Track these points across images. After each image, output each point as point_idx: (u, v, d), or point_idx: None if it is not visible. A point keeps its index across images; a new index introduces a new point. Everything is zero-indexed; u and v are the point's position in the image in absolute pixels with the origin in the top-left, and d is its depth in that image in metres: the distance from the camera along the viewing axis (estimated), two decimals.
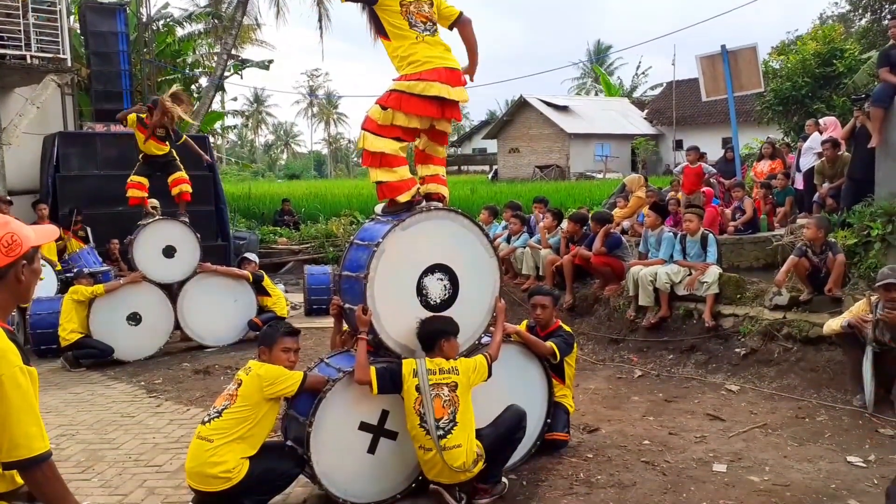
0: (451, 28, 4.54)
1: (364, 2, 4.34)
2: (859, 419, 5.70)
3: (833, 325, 6.07)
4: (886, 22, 16.62)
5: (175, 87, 9.38)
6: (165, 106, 8.61)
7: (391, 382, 4.22)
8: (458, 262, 4.58)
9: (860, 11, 21.18)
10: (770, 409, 6.10)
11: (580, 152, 38.99)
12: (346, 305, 4.56)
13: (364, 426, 4.34)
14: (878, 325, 5.74)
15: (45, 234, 2.42)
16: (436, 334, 4.32)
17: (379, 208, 4.84)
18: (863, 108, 9.00)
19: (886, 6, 19.96)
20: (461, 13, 4.54)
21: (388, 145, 4.36)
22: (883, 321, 5.71)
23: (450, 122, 4.60)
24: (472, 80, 4.64)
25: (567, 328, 5.42)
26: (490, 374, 4.42)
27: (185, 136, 9.65)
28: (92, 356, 8.34)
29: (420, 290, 4.47)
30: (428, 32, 4.38)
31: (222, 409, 4.07)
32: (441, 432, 4.12)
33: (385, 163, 4.38)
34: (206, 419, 4.13)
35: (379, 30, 4.43)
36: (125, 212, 10.00)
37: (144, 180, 9.05)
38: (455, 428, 4.15)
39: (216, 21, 20.53)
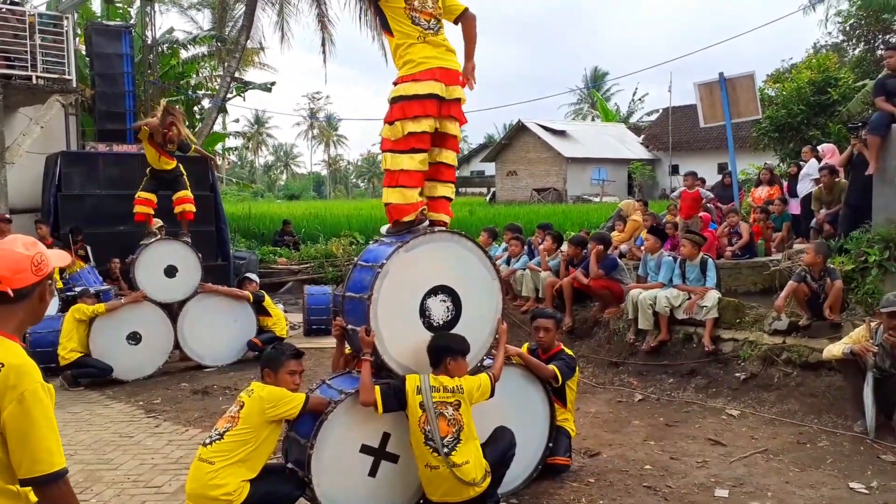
0: (455, 22, 4.57)
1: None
2: (861, 445, 5.69)
3: (834, 350, 6.06)
4: (881, 52, 16.87)
5: (163, 102, 9.40)
6: (162, 122, 8.68)
7: (396, 400, 4.22)
8: (461, 284, 4.60)
9: (853, 41, 21.45)
10: (771, 434, 6.09)
11: (577, 176, 39.40)
12: (349, 326, 4.57)
13: (365, 449, 4.33)
14: (880, 352, 5.75)
15: (60, 258, 2.47)
16: (443, 351, 4.32)
17: (384, 229, 4.88)
18: (860, 136, 9.11)
19: (880, 36, 20.24)
20: (467, 8, 4.57)
21: (406, 161, 4.40)
22: (884, 347, 5.73)
23: (454, 122, 4.58)
24: (471, 82, 4.57)
25: (569, 351, 5.43)
26: (493, 394, 4.43)
27: (194, 146, 9.71)
28: (91, 375, 8.33)
29: (423, 312, 4.48)
30: (431, 31, 4.43)
31: (224, 432, 4.07)
32: (447, 449, 4.13)
33: (401, 181, 4.42)
34: (207, 441, 4.13)
35: (384, 26, 4.50)
36: (126, 231, 10.06)
37: (152, 197, 9.09)
38: (459, 445, 4.16)
39: (220, 44, 20.76)
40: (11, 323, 2.28)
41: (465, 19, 4.57)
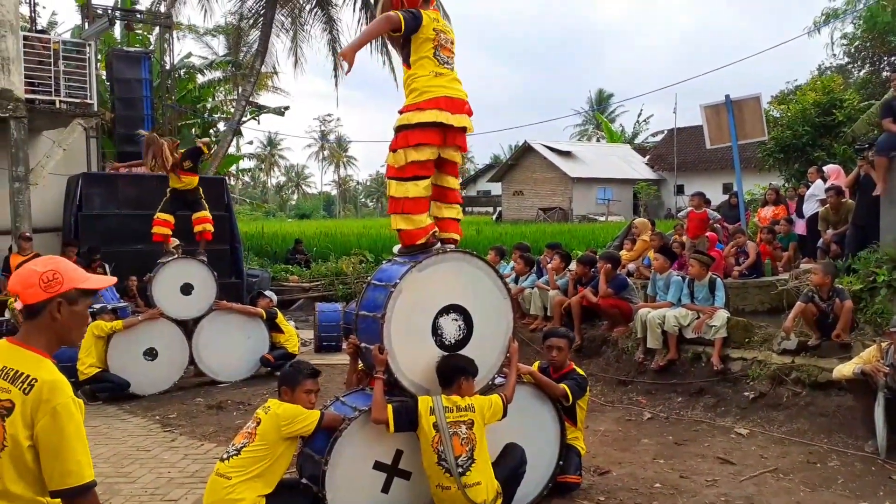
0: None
1: (406, 32, 4.48)
2: (872, 465, 5.69)
3: (844, 370, 6.07)
4: (886, 73, 16.98)
5: (148, 136, 9.55)
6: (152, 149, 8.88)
7: (407, 420, 4.29)
8: (473, 303, 4.68)
9: (859, 63, 21.59)
10: (780, 453, 6.11)
11: (583, 196, 39.66)
12: (363, 344, 4.65)
13: (378, 465, 4.40)
14: (890, 372, 5.76)
15: (98, 281, 2.54)
16: (457, 371, 4.40)
17: (397, 249, 4.99)
18: (866, 157, 9.20)
19: (885, 58, 20.38)
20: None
21: (411, 189, 4.51)
22: (895, 367, 5.75)
23: (456, 150, 4.69)
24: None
25: (580, 371, 5.46)
26: (505, 415, 4.49)
27: (179, 153, 9.79)
28: (109, 390, 8.47)
29: (435, 331, 4.57)
30: (448, 66, 4.57)
31: (241, 447, 4.17)
32: (460, 470, 4.19)
33: (407, 209, 4.53)
34: (224, 456, 4.23)
35: (406, 59, 4.63)
36: (143, 249, 10.24)
37: (170, 217, 9.28)
38: (473, 465, 4.22)
39: (235, 69, 21.16)
40: (41, 340, 2.36)
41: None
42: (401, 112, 4.57)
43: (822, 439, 6.33)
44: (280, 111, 21.52)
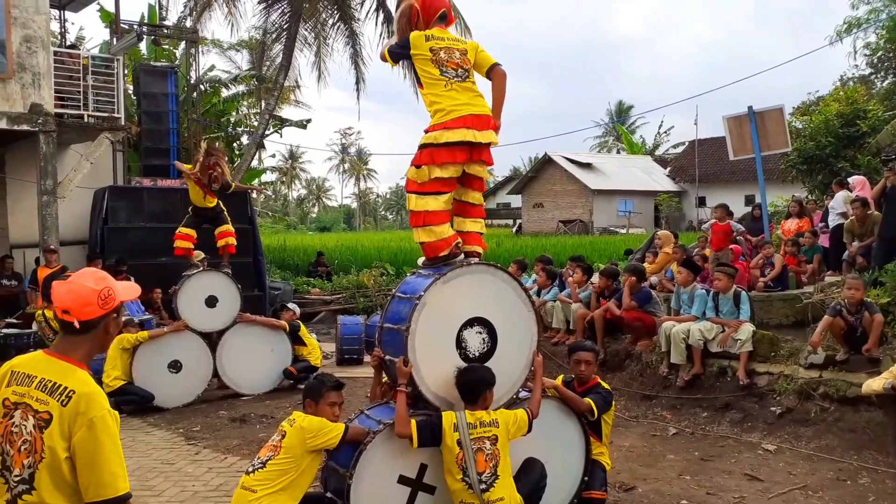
0: (487, 76, 4.70)
1: (401, 57, 4.63)
2: None
3: (874, 385, 5.92)
4: None
5: (204, 143, 9.74)
6: (204, 163, 9.03)
7: (431, 436, 4.26)
8: (497, 316, 4.65)
9: (882, 73, 21.35)
10: (809, 470, 6.02)
11: (603, 208, 39.56)
12: (387, 357, 4.64)
13: (403, 479, 4.38)
14: None
15: (129, 291, 2.61)
16: (480, 384, 4.34)
17: (421, 261, 5.00)
18: (893, 168, 9.09)
19: None
20: (496, 63, 4.69)
21: (430, 202, 4.52)
22: None
23: (482, 165, 4.69)
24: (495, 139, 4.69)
25: (605, 385, 5.38)
26: (530, 429, 4.45)
27: (233, 184, 10.03)
28: (133, 402, 8.53)
29: (459, 343, 4.53)
30: (458, 79, 4.56)
31: (266, 460, 4.18)
32: (483, 486, 4.15)
33: (428, 221, 4.54)
34: (250, 469, 4.24)
35: (418, 80, 4.68)
36: (168, 262, 10.37)
37: (193, 232, 9.39)
38: (497, 481, 4.18)
39: (259, 83, 21.42)
40: (80, 352, 2.41)
41: (494, 74, 4.68)
42: (427, 131, 4.58)
43: (852, 456, 6.22)
44: (302, 124, 21.74)
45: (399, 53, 4.71)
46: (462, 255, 4.74)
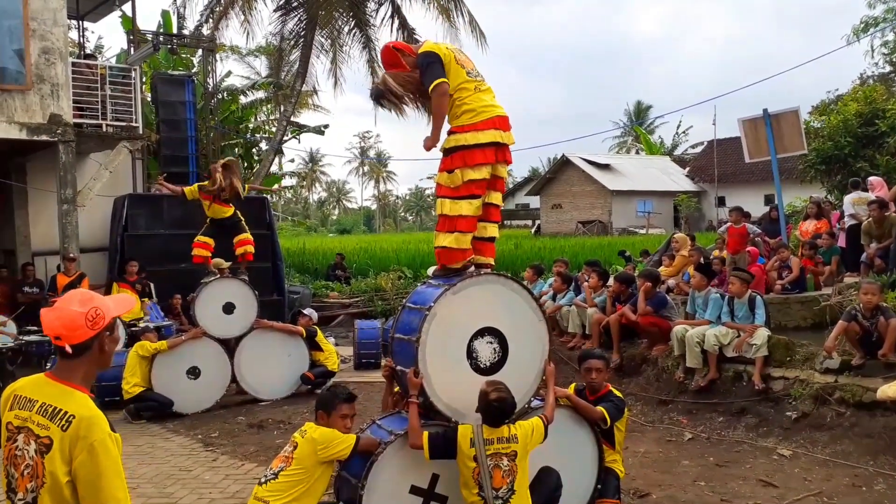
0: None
1: (437, 80, 4.49)
2: None
3: (889, 391, 5.90)
4: None
5: (227, 159, 9.90)
6: (215, 176, 9.19)
7: (444, 449, 4.27)
8: (508, 326, 4.67)
9: None
10: (825, 476, 5.97)
11: (622, 208, 39.43)
12: (398, 368, 4.67)
13: (415, 490, 4.40)
14: None
15: (123, 305, 2.60)
16: (504, 416, 4.25)
17: (432, 270, 5.03)
18: None
19: None
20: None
21: (465, 207, 4.54)
22: None
23: (505, 165, 4.73)
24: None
25: (617, 392, 5.38)
26: (546, 437, 4.44)
27: (247, 187, 10.15)
28: (153, 409, 8.65)
29: (470, 353, 4.55)
30: (481, 78, 4.62)
31: (278, 471, 4.23)
32: (500, 501, 4.14)
33: (459, 227, 4.55)
34: (262, 480, 4.30)
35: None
36: (188, 269, 10.49)
37: (210, 241, 9.53)
38: (513, 497, 4.17)
39: (276, 90, 21.60)
40: (78, 374, 2.42)
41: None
42: (452, 132, 4.60)
43: (868, 462, 6.15)
44: (320, 130, 21.89)
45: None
46: (472, 267, 4.78)
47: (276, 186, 15.17)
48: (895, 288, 7.84)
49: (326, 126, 21.90)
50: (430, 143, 4.54)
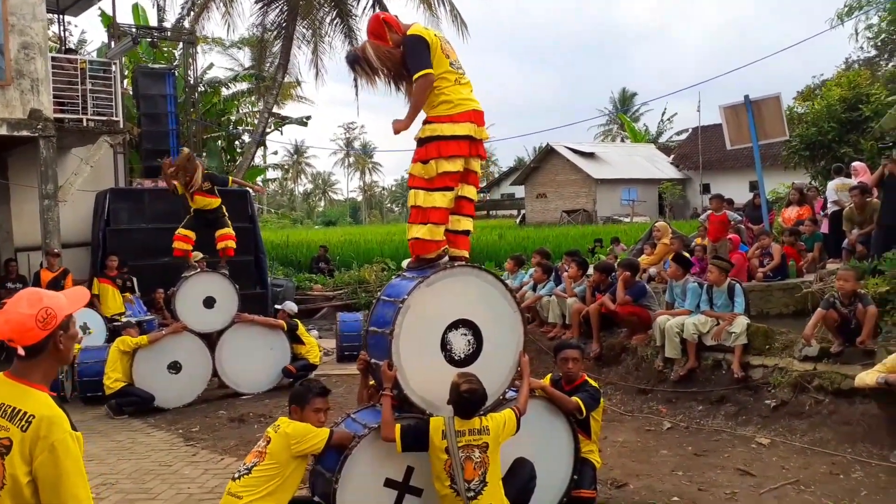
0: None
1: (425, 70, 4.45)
2: None
3: (867, 380, 5.90)
4: None
5: (178, 158, 9.75)
6: (170, 184, 9.15)
7: (415, 441, 4.26)
8: (482, 318, 4.67)
9: (886, 56, 21.13)
10: (802, 464, 5.99)
11: (607, 197, 39.54)
12: (373, 360, 4.67)
13: (389, 483, 4.40)
14: None
15: (76, 300, 2.56)
16: (476, 407, 4.27)
17: (406, 263, 5.02)
18: (890, 156, 9.02)
19: None
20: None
21: (439, 199, 4.54)
22: None
23: (478, 160, 4.74)
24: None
25: (593, 382, 5.40)
26: (518, 428, 4.44)
27: (230, 178, 10.06)
28: (134, 404, 8.62)
29: (444, 346, 4.56)
30: (462, 71, 4.61)
31: (252, 466, 4.22)
32: (471, 493, 4.14)
33: (432, 218, 4.55)
34: (236, 475, 4.28)
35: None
36: (170, 263, 10.43)
37: (191, 234, 9.47)
38: (485, 489, 4.17)
39: (258, 82, 21.48)
40: (37, 374, 2.41)
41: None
42: (428, 122, 4.57)
43: (846, 449, 6.17)
44: (303, 121, 21.80)
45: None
46: (447, 258, 4.76)
47: (258, 185, 15.04)
48: (876, 273, 7.86)
49: (309, 117, 21.86)
50: (400, 126, 4.51)
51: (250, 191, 13.92)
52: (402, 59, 4.61)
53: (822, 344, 7.00)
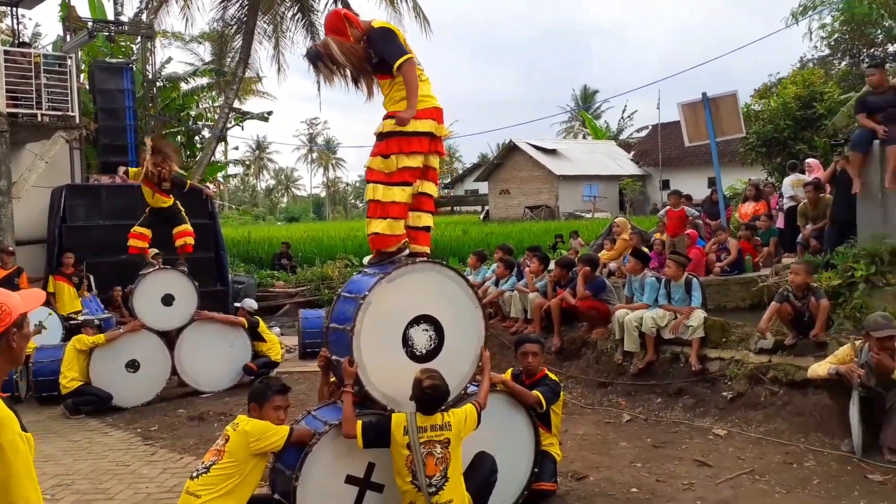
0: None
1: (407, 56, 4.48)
2: (847, 465, 5.68)
3: (819, 371, 6.05)
4: (864, 67, 17.16)
5: (149, 141, 9.59)
6: (145, 164, 8.94)
7: (377, 437, 4.26)
8: (443, 313, 4.68)
9: (839, 55, 21.67)
10: (758, 454, 6.11)
11: (569, 193, 39.97)
12: (333, 357, 4.66)
13: (350, 479, 4.39)
14: (865, 370, 5.78)
15: (31, 300, 2.50)
16: (438, 403, 4.29)
17: (366, 260, 5.01)
18: (842, 153, 9.25)
19: (864, 51, 20.48)
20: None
21: (398, 194, 4.55)
22: (869, 366, 5.77)
23: (437, 157, 4.76)
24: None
25: (553, 376, 5.46)
26: (479, 423, 4.47)
27: (188, 182, 9.92)
28: (91, 403, 8.48)
29: (406, 342, 4.56)
30: (421, 68, 4.62)
31: (210, 465, 4.17)
32: (433, 489, 4.15)
33: (391, 213, 4.56)
34: (194, 474, 4.23)
35: (385, 73, 4.61)
36: (128, 260, 10.27)
37: (147, 231, 9.32)
38: (447, 484, 4.18)
39: (218, 76, 21.19)
40: None
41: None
42: (389, 117, 4.56)
43: (800, 439, 6.32)
44: (264, 117, 21.57)
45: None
46: (407, 252, 4.77)
47: (212, 187, 14.83)
48: (829, 267, 8.05)
49: (270, 113, 21.62)
50: (408, 116, 4.46)
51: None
52: (364, 55, 4.59)
53: (776, 337, 7.15)
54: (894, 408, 5.70)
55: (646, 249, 9.92)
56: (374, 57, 4.60)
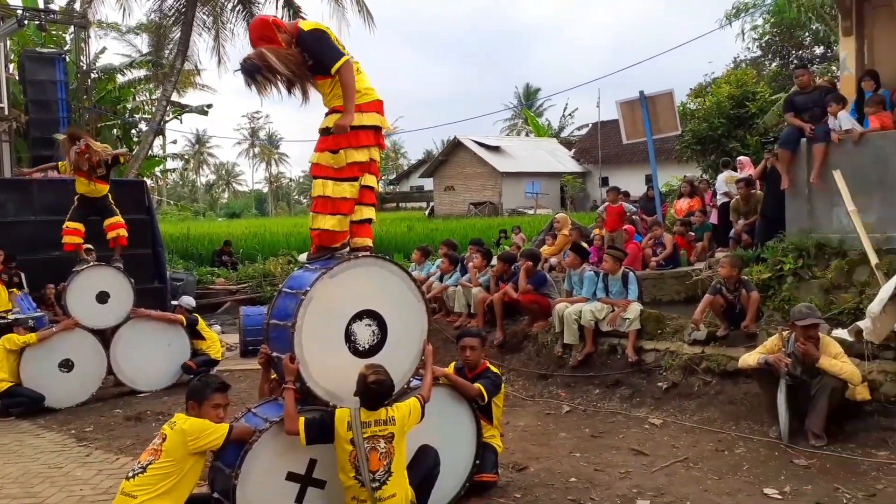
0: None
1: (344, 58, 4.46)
2: (775, 451, 5.91)
3: (749, 360, 6.28)
4: (793, 69, 17.86)
5: (60, 136, 9.29)
6: (70, 157, 8.67)
7: (320, 434, 4.24)
8: (386, 308, 4.70)
9: (770, 56, 22.45)
10: (691, 442, 6.31)
11: (512, 189, 40.37)
12: (274, 354, 4.62)
13: (292, 476, 4.36)
14: (792, 360, 6.03)
15: None
16: (383, 398, 4.29)
17: (303, 257, 4.96)
18: (772, 151, 9.58)
19: (794, 52, 21.29)
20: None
21: (347, 189, 4.55)
22: (795, 355, 6.02)
23: (378, 150, 4.77)
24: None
25: (494, 369, 5.54)
26: (423, 416, 4.50)
27: (114, 153, 9.50)
28: (22, 404, 8.22)
29: (349, 337, 4.56)
30: (357, 61, 4.60)
31: (147, 465, 4.09)
32: (376, 484, 4.16)
33: (340, 209, 4.56)
34: (130, 474, 4.14)
35: (323, 72, 4.57)
36: (61, 257, 9.93)
37: (80, 226, 9.03)
38: (390, 478, 4.20)
39: (156, 68, 20.65)
40: None
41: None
42: (335, 111, 4.53)
43: (731, 427, 6.55)
44: (203, 110, 21.14)
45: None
46: (348, 248, 4.77)
47: (157, 171, 14.56)
48: (760, 261, 8.35)
49: (210, 106, 21.20)
50: (347, 122, 4.44)
51: (147, 181, 13.40)
52: (301, 59, 4.54)
53: (709, 328, 7.40)
54: (818, 395, 5.96)
55: (585, 245, 10.10)
56: (308, 59, 4.56)
